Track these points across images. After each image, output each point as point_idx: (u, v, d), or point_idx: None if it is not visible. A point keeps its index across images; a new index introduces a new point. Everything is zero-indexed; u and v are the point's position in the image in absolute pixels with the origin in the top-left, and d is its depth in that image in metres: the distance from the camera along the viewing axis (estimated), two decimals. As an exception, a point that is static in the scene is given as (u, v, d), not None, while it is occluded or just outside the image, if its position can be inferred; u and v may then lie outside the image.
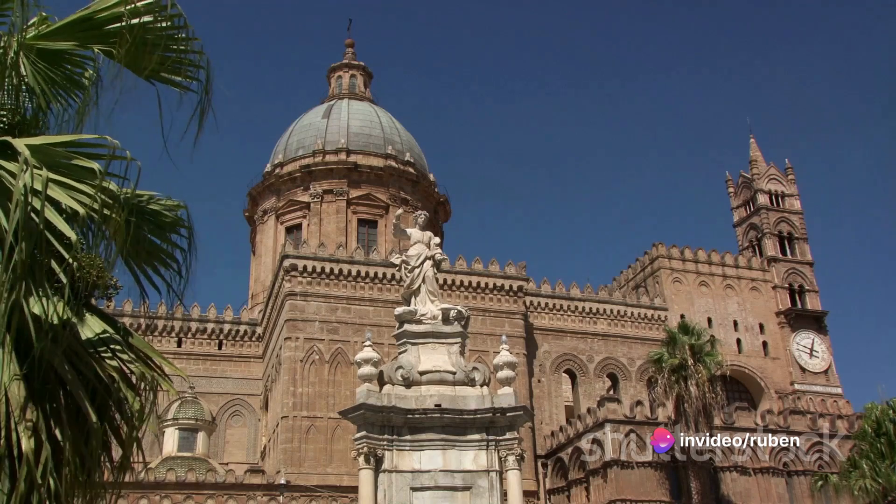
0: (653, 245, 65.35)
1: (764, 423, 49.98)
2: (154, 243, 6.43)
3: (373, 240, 63.72)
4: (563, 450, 51.19)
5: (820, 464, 49.55)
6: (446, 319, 17.44)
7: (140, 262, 6.34)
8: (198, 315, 58.97)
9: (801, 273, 67.35)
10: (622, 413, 47.40)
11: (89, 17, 5.88)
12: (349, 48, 77.56)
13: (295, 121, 72.02)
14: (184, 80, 6.24)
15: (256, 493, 46.49)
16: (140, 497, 44.41)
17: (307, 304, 52.74)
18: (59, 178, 5.33)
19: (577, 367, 59.27)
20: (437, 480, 15.70)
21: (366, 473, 15.77)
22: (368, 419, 15.95)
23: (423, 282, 17.80)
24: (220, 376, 58.32)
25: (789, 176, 71.72)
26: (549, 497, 52.13)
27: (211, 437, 53.11)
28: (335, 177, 65.20)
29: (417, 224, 18.96)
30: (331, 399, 49.79)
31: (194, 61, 6.24)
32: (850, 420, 51.74)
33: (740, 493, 47.37)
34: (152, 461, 47.61)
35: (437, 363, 16.85)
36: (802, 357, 64.39)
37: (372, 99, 74.06)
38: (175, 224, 6.47)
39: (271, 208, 67.13)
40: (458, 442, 16.10)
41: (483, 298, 55.96)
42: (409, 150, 68.81)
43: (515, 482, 16.22)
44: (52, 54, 5.90)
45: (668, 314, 61.36)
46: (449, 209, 72.11)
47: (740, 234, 71.51)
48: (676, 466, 45.82)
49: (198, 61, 6.23)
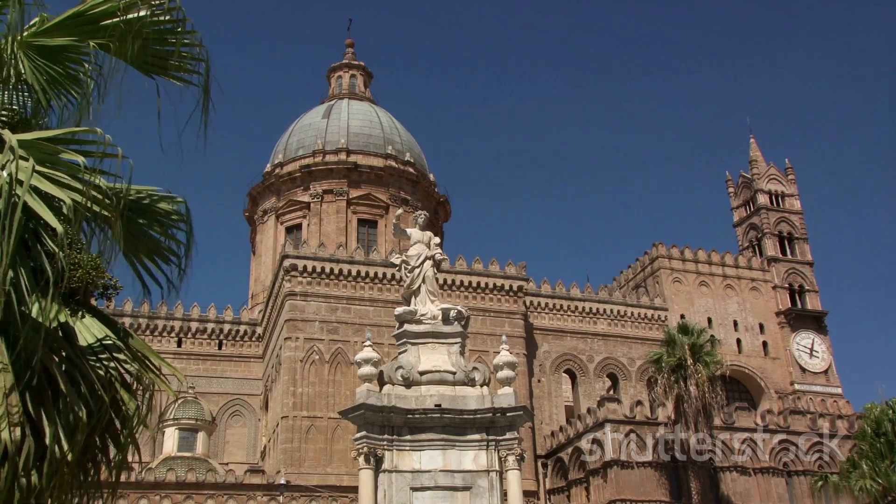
0: (653, 245, 65.35)
1: (764, 423, 49.97)
2: (154, 238, 6.40)
3: (373, 240, 63.72)
4: (563, 450, 51.18)
5: (820, 464, 49.54)
6: (446, 319, 17.42)
7: (140, 258, 6.31)
8: (198, 315, 58.97)
9: (801, 273, 67.35)
10: (622, 413, 47.39)
11: (86, 12, 5.84)
12: (349, 48, 77.56)
13: (295, 121, 72.04)
14: (184, 73, 6.17)
15: (256, 493, 46.48)
16: (140, 497, 44.39)
17: (307, 304, 52.73)
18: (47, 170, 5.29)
19: (577, 367, 59.26)
20: (437, 480, 15.68)
21: (366, 473, 15.75)
22: (368, 419, 15.93)
23: (423, 282, 17.78)
24: (220, 376, 58.31)
25: (789, 176, 71.72)
26: (549, 497, 52.12)
27: (211, 437, 53.10)
28: (335, 177, 65.20)
29: (417, 224, 18.95)
30: (331, 399, 49.78)
31: (194, 54, 6.17)
32: (850, 420, 51.72)
33: (740, 493, 47.35)
34: (152, 461, 47.61)
35: (437, 363, 16.84)
36: (802, 357, 64.37)
37: (372, 99, 74.06)
38: (174, 219, 6.45)
39: (271, 208, 67.13)
40: (458, 442, 16.09)
41: (483, 298, 55.95)
42: (409, 150, 68.81)
43: (515, 482, 16.20)
44: (51, 51, 5.85)
45: (668, 314, 61.35)
46: (449, 209, 72.12)
47: (740, 234, 71.51)
48: (676, 466, 45.82)
49: (198, 54, 6.17)
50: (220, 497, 46.03)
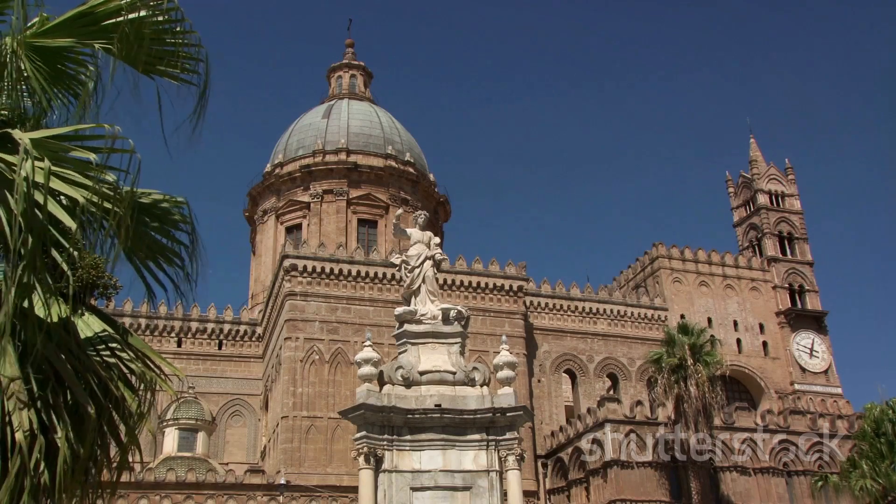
0: (653, 245, 65.36)
1: (764, 423, 49.96)
2: (156, 240, 6.39)
3: (373, 240, 63.72)
4: (563, 450, 51.17)
5: (820, 464, 49.54)
6: (446, 319, 17.42)
7: (143, 259, 6.30)
8: (198, 315, 58.95)
9: (801, 273, 67.35)
10: (622, 413, 47.38)
11: (87, 13, 5.85)
12: (349, 48, 77.56)
13: (295, 121, 72.03)
14: (183, 73, 6.19)
15: (256, 493, 46.48)
16: (140, 497, 44.40)
17: (307, 304, 52.73)
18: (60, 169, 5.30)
19: (577, 367, 59.26)
20: (437, 480, 15.68)
21: (366, 473, 15.75)
22: (368, 419, 15.93)
23: (423, 282, 17.78)
24: (220, 376, 58.31)
25: (789, 176, 71.72)
26: (549, 497, 52.12)
27: (211, 437, 53.10)
28: (335, 177, 65.21)
29: (417, 224, 18.94)
30: (331, 399, 49.79)
31: (193, 54, 6.18)
32: (850, 420, 51.72)
33: (740, 493, 47.35)
34: (152, 461, 47.60)
35: (437, 363, 16.84)
36: (802, 357, 64.38)
37: (372, 99, 74.06)
38: (177, 220, 6.44)
39: (271, 208, 67.13)
40: (458, 442, 16.08)
41: (483, 298, 55.94)
42: (409, 150, 68.82)
43: (515, 482, 16.19)
44: (52, 51, 5.87)
45: (668, 314, 61.35)
46: (449, 209, 72.12)
47: (740, 234, 71.51)
48: (676, 466, 45.82)
49: (196, 54, 6.18)
50: (220, 497, 46.04)
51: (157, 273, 6.36)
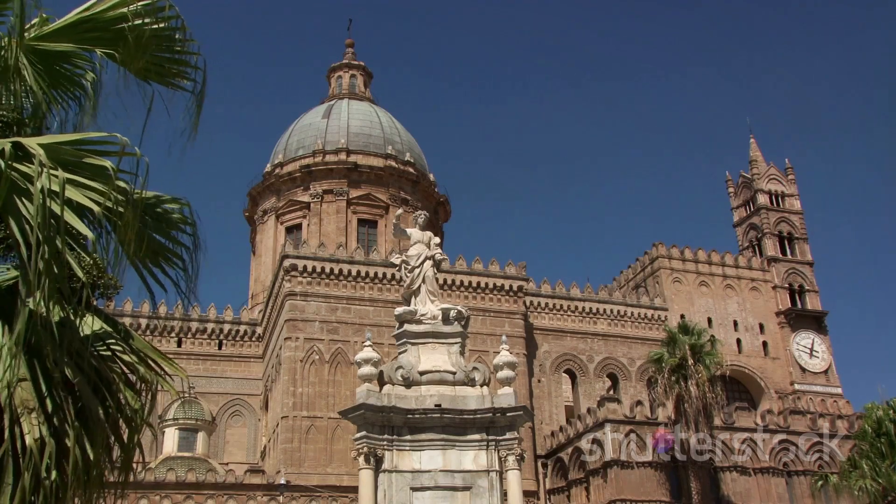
0: (653, 245, 65.37)
1: (764, 423, 49.97)
2: (159, 242, 6.41)
3: (373, 240, 63.73)
4: (563, 450, 51.18)
5: (820, 464, 49.54)
6: (446, 319, 17.43)
7: (146, 261, 6.31)
8: (198, 315, 58.94)
9: (801, 273, 67.36)
10: (622, 413, 47.39)
11: (89, 19, 5.88)
12: (349, 48, 77.58)
13: (295, 121, 72.05)
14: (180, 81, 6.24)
15: (256, 493, 46.49)
16: (140, 497, 44.39)
17: (307, 304, 52.74)
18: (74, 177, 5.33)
19: (577, 367, 59.27)
20: (437, 480, 15.69)
21: (366, 473, 15.76)
22: (368, 419, 15.94)
23: (423, 282, 17.79)
24: (220, 376, 58.32)
25: (789, 176, 71.73)
26: (549, 497, 52.13)
27: (211, 437, 53.10)
28: (335, 177, 65.22)
29: (417, 224, 18.95)
30: (331, 399, 49.79)
31: (191, 62, 6.24)
32: (850, 420, 51.72)
33: (740, 493, 47.36)
34: (152, 461, 47.61)
35: (437, 363, 16.85)
36: (802, 357, 64.39)
37: (372, 99, 74.07)
38: (178, 221, 6.46)
39: (271, 208, 67.15)
40: (458, 442, 16.09)
41: (483, 298, 55.95)
42: (409, 150, 68.83)
43: (515, 482, 16.20)
44: (53, 56, 5.90)
45: (668, 314, 61.35)
46: (449, 209, 72.13)
47: (740, 234, 71.52)
48: (676, 466, 45.82)
49: (195, 62, 6.24)
50: (220, 497, 46.04)
51: (157, 274, 6.37)
